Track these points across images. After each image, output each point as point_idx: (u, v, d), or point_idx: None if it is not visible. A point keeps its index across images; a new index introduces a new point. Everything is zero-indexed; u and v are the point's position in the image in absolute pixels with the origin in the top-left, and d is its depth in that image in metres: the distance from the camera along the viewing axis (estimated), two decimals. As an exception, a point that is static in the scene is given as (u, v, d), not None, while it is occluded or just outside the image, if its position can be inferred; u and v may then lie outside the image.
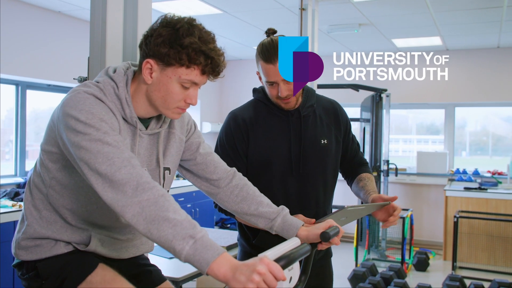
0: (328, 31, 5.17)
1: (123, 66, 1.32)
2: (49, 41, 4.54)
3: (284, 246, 1.13)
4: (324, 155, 1.79)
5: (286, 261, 1.04)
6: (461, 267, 5.31)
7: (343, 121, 1.87)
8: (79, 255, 1.33)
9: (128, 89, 1.28)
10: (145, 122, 1.35)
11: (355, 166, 1.92)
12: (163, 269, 1.60)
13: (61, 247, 1.32)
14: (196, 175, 1.50)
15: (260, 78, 1.72)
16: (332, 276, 1.92)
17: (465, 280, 4.39)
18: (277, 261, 1.03)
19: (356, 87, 5.34)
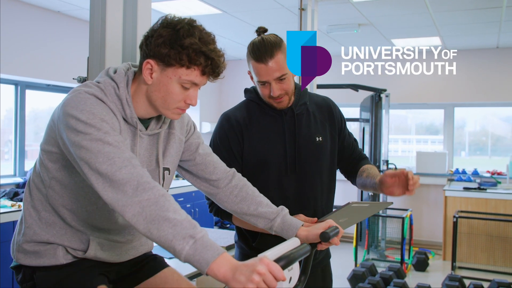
0: (328, 31, 5.17)
1: (123, 66, 1.33)
2: (49, 41, 4.53)
3: (284, 246, 1.13)
4: (319, 152, 1.77)
5: (286, 261, 1.04)
6: (460, 267, 5.31)
7: (337, 117, 1.85)
8: (78, 269, 1.32)
9: (128, 89, 1.28)
10: (145, 122, 1.35)
11: (355, 162, 1.88)
12: (163, 269, 1.59)
13: (60, 257, 1.31)
14: (196, 176, 1.50)
15: (252, 78, 1.70)
16: (331, 276, 1.92)
17: (465, 280, 4.39)
18: (277, 261, 1.03)
19: (355, 87, 5.33)
